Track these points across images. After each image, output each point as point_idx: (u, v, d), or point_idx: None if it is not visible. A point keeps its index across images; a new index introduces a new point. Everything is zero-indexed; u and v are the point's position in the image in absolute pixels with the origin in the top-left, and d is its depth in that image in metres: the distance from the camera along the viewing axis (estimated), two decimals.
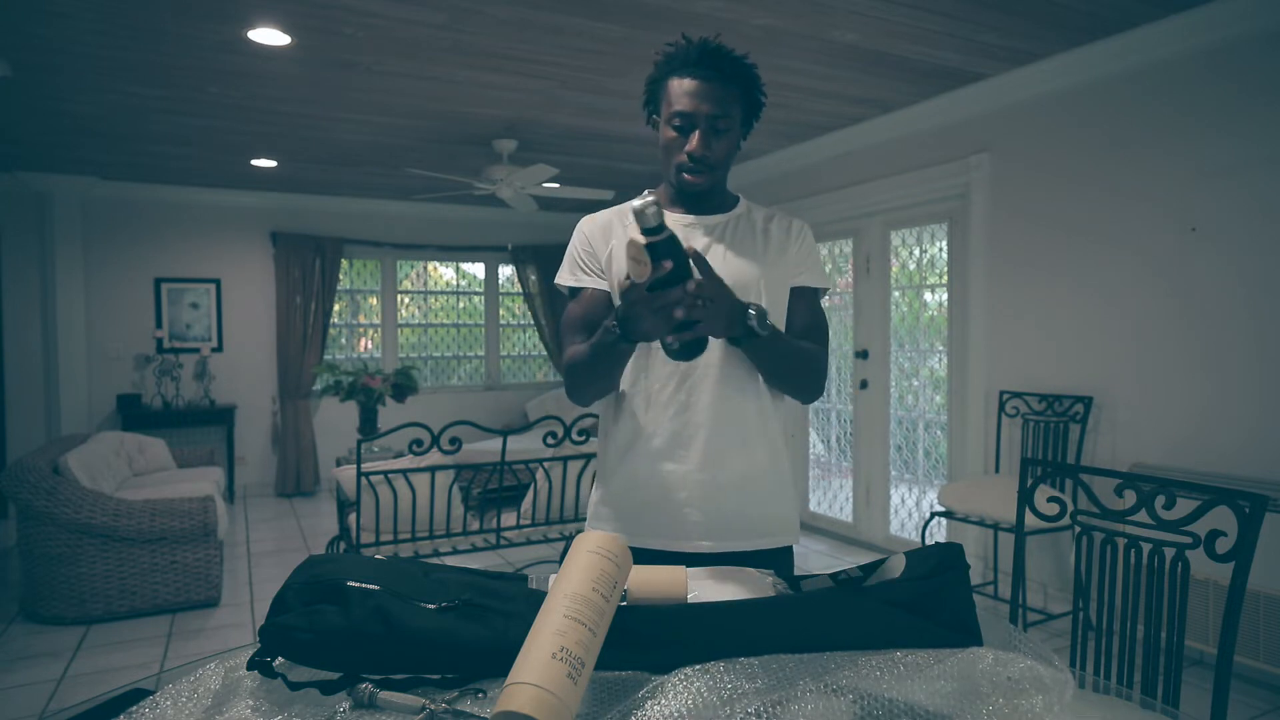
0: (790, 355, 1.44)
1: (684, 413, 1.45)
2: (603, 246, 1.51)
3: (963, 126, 4.10)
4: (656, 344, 1.41)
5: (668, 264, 1.16)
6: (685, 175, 1.44)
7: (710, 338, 1.31)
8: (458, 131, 4.67)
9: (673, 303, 1.18)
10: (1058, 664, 0.86)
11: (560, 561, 1.10)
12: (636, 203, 1.11)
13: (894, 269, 4.77)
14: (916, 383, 4.73)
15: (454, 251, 7.42)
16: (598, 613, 0.82)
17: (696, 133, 1.41)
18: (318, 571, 0.95)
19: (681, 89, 1.42)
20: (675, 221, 1.50)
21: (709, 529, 1.45)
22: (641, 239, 1.15)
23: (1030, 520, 1.84)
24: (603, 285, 1.51)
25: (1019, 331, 3.87)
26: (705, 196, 1.51)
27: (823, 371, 1.54)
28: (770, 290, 1.49)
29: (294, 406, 6.63)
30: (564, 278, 1.55)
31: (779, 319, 1.52)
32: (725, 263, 1.47)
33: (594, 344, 1.37)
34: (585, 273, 1.53)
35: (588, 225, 1.55)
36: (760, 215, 1.56)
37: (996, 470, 3.95)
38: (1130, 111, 3.36)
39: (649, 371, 1.46)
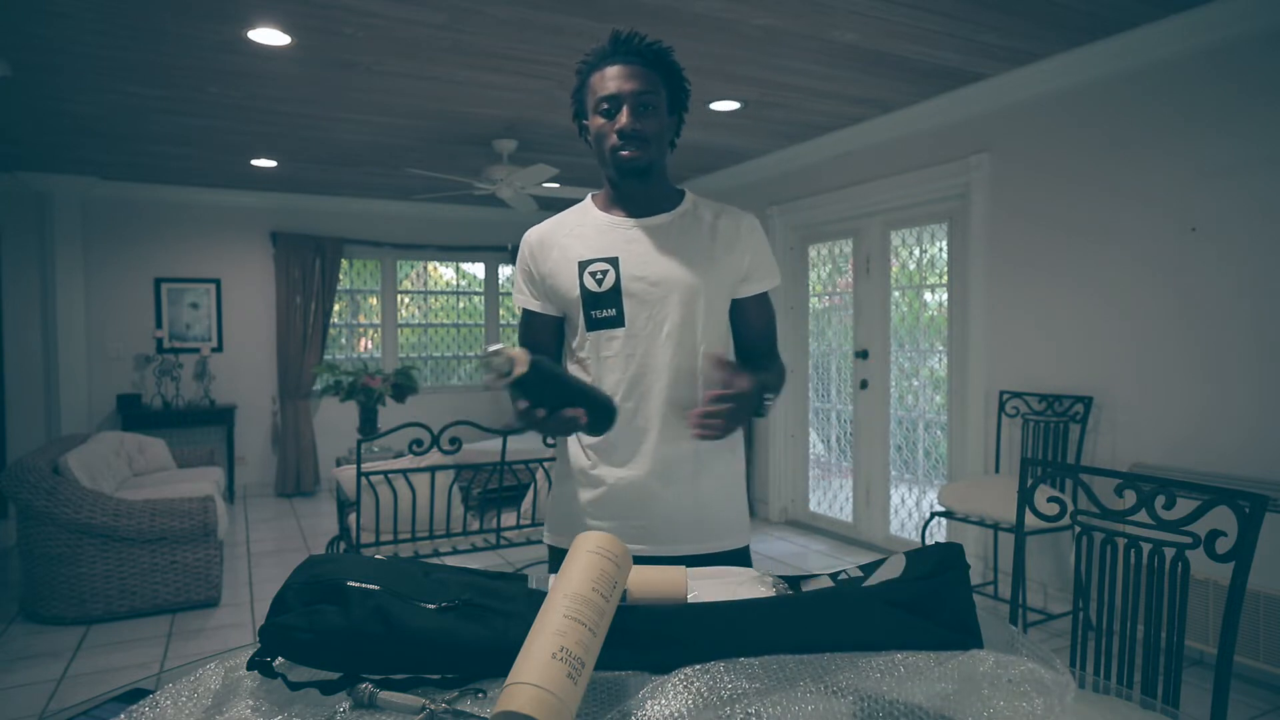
0: (772, 393, 1.48)
1: (634, 419, 1.46)
2: (543, 263, 1.52)
3: (963, 126, 4.10)
4: (607, 354, 1.46)
5: (523, 404, 1.23)
6: (621, 153, 1.43)
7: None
8: (458, 131, 4.67)
9: (556, 422, 1.24)
10: (1059, 666, 0.86)
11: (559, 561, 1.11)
12: (490, 348, 1.16)
13: (894, 269, 4.77)
14: (916, 383, 4.73)
15: (454, 251, 7.42)
16: (598, 613, 0.82)
17: (625, 108, 1.42)
18: (318, 571, 0.95)
19: (603, 78, 1.44)
20: (613, 224, 1.50)
21: (662, 534, 1.46)
22: (500, 384, 1.18)
23: (1030, 520, 1.84)
24: (545, 310, 1.53)
25: (1019, 331, 3.87)
26: (646, 193, 1.50)
27: (784, 380, 1.59)
28: (717, 290, 1.49)
29: (294, 406, 6.63)
30: (516, 297, 1.58)
31: (723, 321, 1.54)
32: (671, 264, 1.47)
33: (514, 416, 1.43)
34: (525, 294, 1.55)
35: (529, 241, 1.56)
36: (708, 212, 1.55)
37: (996, 470, 3.95)
38: (1130, 111, 3.36)
39: (599, 380, 1.47)
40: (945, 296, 4.40)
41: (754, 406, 1.36)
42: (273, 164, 5.50)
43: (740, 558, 1.53)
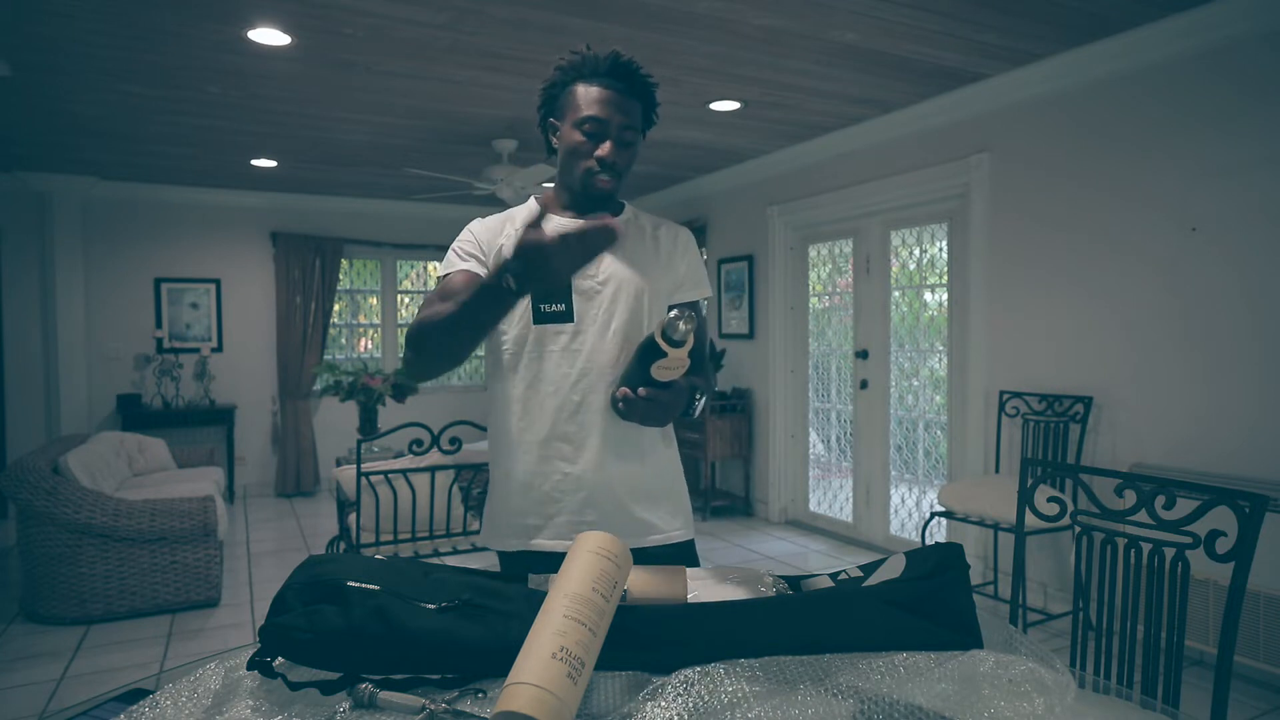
0: (703, 395, 1.51)
1: (578, 414, 1.47)
2: (490, 247, 1.53)
3: (963, 126, 4.10)
4: (552, 348, 1.47)
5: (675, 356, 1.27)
6: (595, 179, 1.47)
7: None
8: (458, 131, 4.67)
9: (587, 251, 1.20)
10: (1059, 666, 0.86)
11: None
12: (673, 314, 1.22)
13: (894, 269, 4.77)
14: (916, 383, 4.73)
15: None
16: (598, 613, 0.82)
17: (610, 140, 1.45)
18: (318, 571, 0.95)
19: (592, 96, 1.45)
20: (568, 225, 1.49)
21: (607, 529, 1.46)
22: (671, 350, 1.23)
23: (1030, 520, 1.84)
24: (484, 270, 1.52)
25: (1019, 331, 3.87)
26: (600, 202, 1.53)
27: (714, 384, 1.63)
28: (658, 293, 1.54)
29: (294, 406, 6.63)
30: (444, 269, 1.53)
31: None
32: (618, 265, 1.51)
33: (472, 294, 1.29)
34: (468, 262, 1.51)
35: (477, 226, 1.57)
36: (648, 222, 1.60)
37: (996, 470, 3.95)
38: (1130, 111, 3.36)
39: (543, 374, 1.48)
40: (945, 296, 4.40)
41: (684, 404, 1.39)
42: (273, 164, 5.50)
43: (685, 551, 1.55)
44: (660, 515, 1.53)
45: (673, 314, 1.21)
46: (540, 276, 1.21)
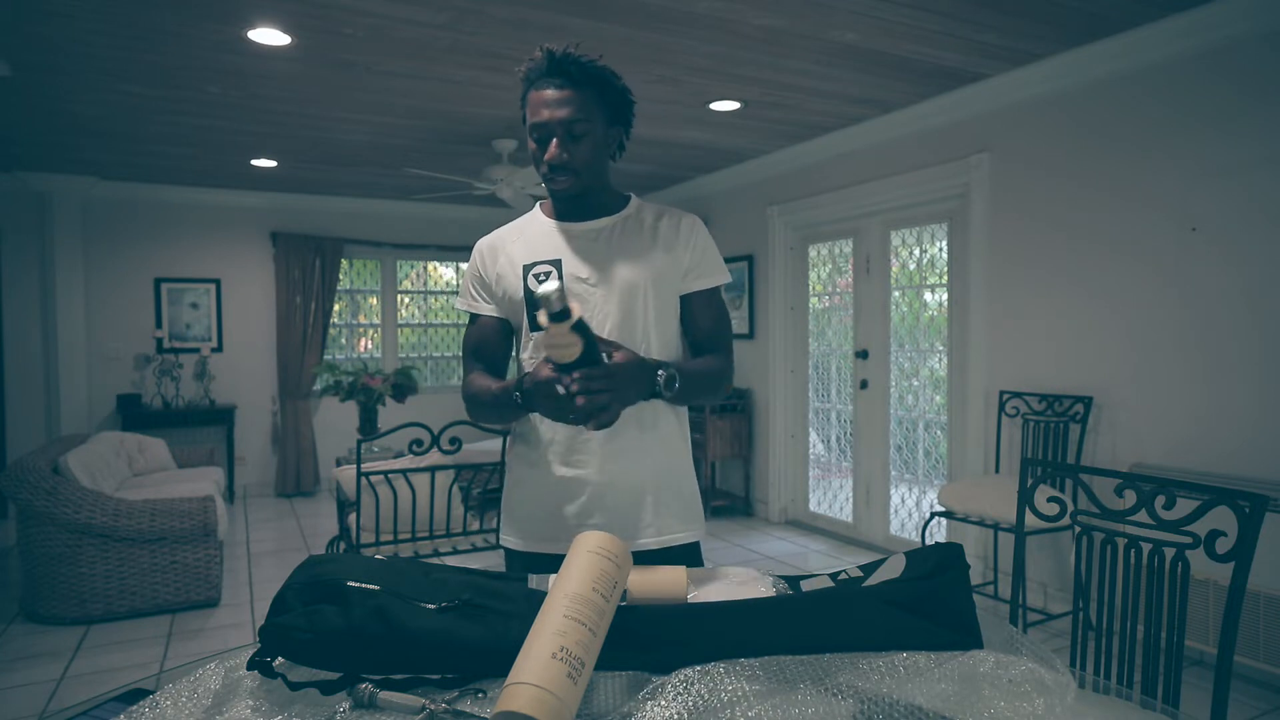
0: (696, 389, 1.46)
1: None
2: (492, 267, 1.55)
3: (963, 126, 4.10)
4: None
5: (548, 370, 1.24)
6: (553, 184, 1.47)
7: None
8: (458, 131, 4.67)
9: (570, 394, 1.23)
10: (1059, 666, 0.86)
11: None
12: (547, 287, 1.08)
13: (894, 269, 4.77)
14: (916, 383, 4.73)
15: (454, 251, 7.42)
16: (598, 613, 0.82)
17: (553, 141, 1.43)
18: (318, 571, 0.95)
19: (538, 100, 1.45)
20: (556, 229, 1.53)
21: (612, 530, 1.46)
22: (549, 324, 1.12)
23: (1030, 520, 1.84)
24: (493, 312, 1.56)
25: (1019, 331, 3.87)
26: (585, 201, 1.52)
27: (728, 377, 1.58)
28: (658, 288, 1.51)
29: (294, 406, 6.63)
30: (460, 301, 1.61)
31: (671, 319, 1.54)
32: (611, 264, 1.49)
33: (497, 399, 1.43)
34: (474, 298, 1.57)
35: (480, 247, 1.59)
36: (650, 214, 1.57)
37: (996, 470, 3.95)
38: (1130, 111, 3.36)
39: None
40: (945, 296, 4.40)
41: (641, 383, 1.32)
42: (273, 164, 5.50)
43: (691, 553, 1.55)
44: (666, 517, 1.52)
45: (548, 285, 1.09)
46: (541, 412, 1.34)
